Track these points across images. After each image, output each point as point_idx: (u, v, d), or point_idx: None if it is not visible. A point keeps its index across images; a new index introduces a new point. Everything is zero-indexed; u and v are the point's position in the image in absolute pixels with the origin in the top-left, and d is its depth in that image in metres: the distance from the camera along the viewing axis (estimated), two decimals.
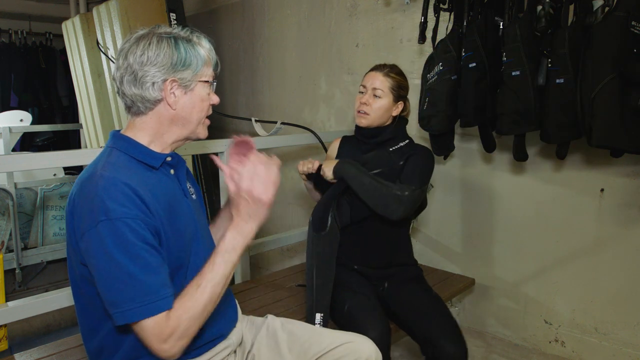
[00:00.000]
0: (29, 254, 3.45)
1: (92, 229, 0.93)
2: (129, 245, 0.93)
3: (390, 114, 1.73)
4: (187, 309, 0.96)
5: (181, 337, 0.96)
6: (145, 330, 0.94)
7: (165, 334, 0.94)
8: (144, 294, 0.92)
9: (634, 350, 1.95)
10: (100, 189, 0.95)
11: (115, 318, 0.94)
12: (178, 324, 0.95)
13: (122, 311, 0.92)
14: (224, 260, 1.02)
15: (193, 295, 0.98)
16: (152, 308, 0.93)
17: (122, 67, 1.04)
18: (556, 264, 2.14)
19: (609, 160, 1.86)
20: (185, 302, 0.97)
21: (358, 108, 1.72)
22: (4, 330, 1.96)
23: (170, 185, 1.10)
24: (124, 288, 0.92)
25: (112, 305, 0.94)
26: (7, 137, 3.65)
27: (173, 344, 0.95)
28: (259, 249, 2.32)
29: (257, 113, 3.44)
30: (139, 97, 1.03)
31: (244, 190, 1.04)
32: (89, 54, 3.48)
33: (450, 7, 2.03)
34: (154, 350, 0.95)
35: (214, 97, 1.13)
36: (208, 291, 0.98)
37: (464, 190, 2.42)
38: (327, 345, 1.23)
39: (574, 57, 1.65)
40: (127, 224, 0.93)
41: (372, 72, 1.74)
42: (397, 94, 1.71)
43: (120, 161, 1.03)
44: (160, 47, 1.02)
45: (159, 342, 0.94)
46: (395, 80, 1.71)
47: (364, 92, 1.72)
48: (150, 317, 0.93)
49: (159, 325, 0.93)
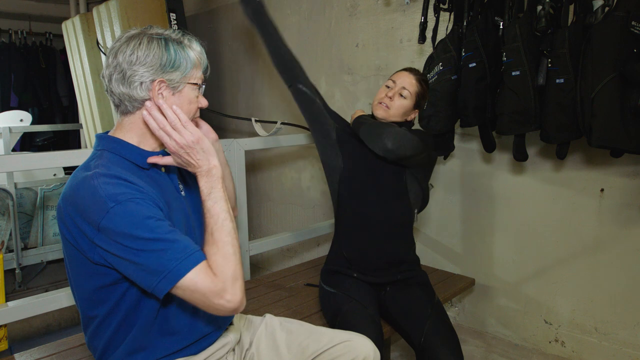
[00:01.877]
0: (29, 254, 3.45)
1: (105, 218, 0.93)
2: (146, 220, 0.94)
3: (405, 118, 1.75)
4: (217, 253, 0.97)
5: (235, 279, 0.96)
6: (198, 289, 0.93)
7: (218, 286, 0.94)
8: (179, 251, 0.93)
9: (634, 350, 1.95)
10: (102, 183, 0.96)
11: (162, 286, 0.93)
12: (222, 269, 0.95)
13: (166, 274, 0.92)
14: (212, 201, 1.03)
15: (212, 241, 0.99)
16: (193, 260, 0.93)
17: (111, 66, 1.04)
18: (556, 264, 2.14)
19: (609, 160, 1.86)
20: (211, 251, 0.98)
21: (381, 100, 1.73)
22: (4, 330, 1.96)
23: (162, 182, 1.11)
24: (157, 256, 0.93)
25: (153, 276, 0.93)
26: (7, 137, 3.65)
27: (232, 290, 0.95)
28: (259, 249, 2.32)
29: (257, 113, 3.44)
30: (127, 96, 1.04)
31: (179, 145, 1.04)
32: (89, 54, 3.49)
33: (450, 7, 2.03)
34: (219, 308, 0.95)
35: (202, 100, 1.13)
36: (222, 230, 1.00)
37: (464, 190, 2.42)
38: (325, 344, 1.24)
39: (574, 57, 1.65)
40: (137, 202, 0.95)
41: (405, 72, 1.75)
42: (418, 101, 1.74)
43: (112, 162, 1.03)
44: (150, 48, 1.03)
45: (219, 297, 0.94)
46: (423, 89, 1.74)
47: (391, 87, 1.74)
48: (193, 272, 0.92)
49: (209, 279, 0.94)
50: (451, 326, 1.57)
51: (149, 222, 0.94)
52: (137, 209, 0.94)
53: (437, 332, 1.52)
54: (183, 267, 0.92)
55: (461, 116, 1.97)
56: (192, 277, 0.93)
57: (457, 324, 2.50)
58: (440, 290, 1.98)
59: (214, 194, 1.04)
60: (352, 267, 1.73)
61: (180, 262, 0.93)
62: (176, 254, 0.93)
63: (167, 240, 0.94)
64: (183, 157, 1.06)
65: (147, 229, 0.93)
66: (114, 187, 0.95)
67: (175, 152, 1.06)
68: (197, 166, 1.06)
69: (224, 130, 3.76)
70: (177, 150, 1.05)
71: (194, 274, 0.93)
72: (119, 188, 0.96)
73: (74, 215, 0.97)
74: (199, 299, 0.95)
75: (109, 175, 0.97)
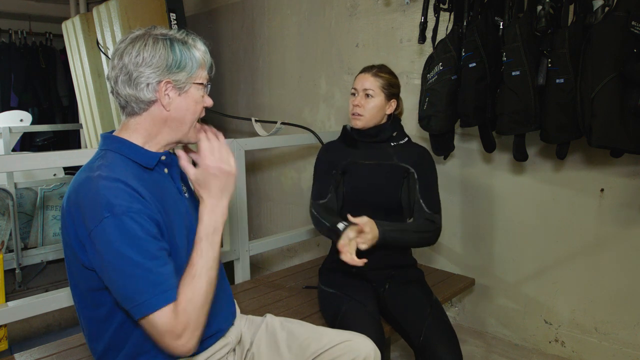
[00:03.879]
0: (29, 254, 3.45)
1: (97, 227, 0.93)
2: (135, 239, 0.94)
3: (385, 113, 1.75)
4: (190, 300, 0.97)
5: (195, 329, 0.97)
6: (157, 327, 0.94)
7: (178, 329, 0.94)
8: (154, 284, 0.93)
9: (634, 350, 1.95)
10: (101, 187, 0.95)
11: (133, 313, 0.94)
12: (188, 316, 0.95)
13: (137, 305, 0.93)
14: (209, 243, 1.03)
15: (191, 285, 0.98)
16: (163, 299, 0.94)
17: (117, 67, 1.04)
18: (556, 264, 2.14)
19: (609, 160, 1.86)
20: (186, 294, 0.97)
21: (352, 111, 1.75)
22: (4, 330, 1.96)
23: (165, 184, 1.11)
24: (134, 281, 0.93)
25: (126, 300, 0.94)
26: (7, 137, 3.66)
27: (189, 337, 0.96)
28: (259, 249, 2.32)
29: (257, 113, 3.44)
30: (133, 98, 1.04)
31: (212, 167, 1.05)
32: (89, 54, 3.49)
33: (450, 7, 2.03)
34: (170, 348, 0.96)
35: (207, 100, 1.13)
36: (204, 277, 1.00)
37: (464, 190, 2.42)
38: (326, 344, 1.24)
39: (574, 57, 1.65)
40: (131, 217, 0.94)
41: (361, 74, 1.77)
42: (388, 92, 1.74)
43: (115, 162, 1.03)
44: (156, 49, 1.03)
45: (174, 339, 0.94)
46: (384, 79, 1.73)
47: (355, 94, 1.75)
48: (160, 311, 0.93)
49: (170, 321, 0.94)
50: (450, 325, 1.57)
51: (138, 243, 0.94)
52: (130, 225, 0.94)
53: (436, 331, 1.52)
54: (152, 303, 0.93)
55: (461, 116, 1.97)
56: (157, 316, 0.94)
57: (457, 324, 2.50)
58: (440, 290, 1.97)
59: (214, 237, 1.04)
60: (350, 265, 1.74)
61: (151, 297, 0.93)
62: (150, 288, 0.93)
63: (146, 269, 0.93)
64: (208, 178, 1.06)
65: (134, 249, 0.93)
66: (114, 193, 0.95)
67: (207, 170, 1.06)
68: (213, 194, 1.06)
69: (224, 130, 3.75)
70: (210, 170, 1.06)
71: (159, 314, 0.93)
72: (118, 196, 0.95)
73: (74, 215, 0.97)
74: (154, 334, 0.96)
75: (111, 179, 0.97)
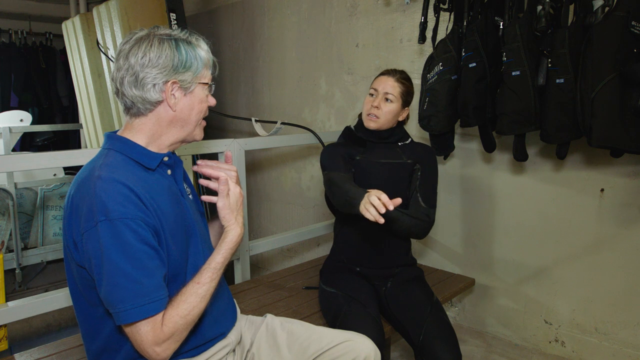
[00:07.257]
0: (29, 254, 3.45)
1: (92, 229, 0.93)
2: (127, 246, 0.93)
3: (397, 119, 1.74)
4: (184, 316, 0.99)
5: (176, 341, 1.00)
6: (139, 333, 0.95)
7: (161, 337, 0.96)
8: (137, 296, 0.93)
9: (634, 350, 1.95)
10: (99, 189, 0.95)
11: (115, 318, 0.95)
12: (175, 328, 0.97)
13: (118, 312, 0.94)
14: (220, 270, 1.08)
15: (192, 303, 1.01)
16: (145, 310, 0.94)
17: (122, 68, 1.03)
18: (556, 264, 2.14)
19: (609, 160, 1.86)
20: (183, 310, 0.99)
21: (369, 111, 1.71)
22: (4, 330, 1.97)
23: (168, 185, 1.10)
24: (119, 289, 0.93)
25: (109, 305, 0.95)
26: (7, 137, 3.65)
27: (167, 347, 0.98)
28: (259, 249, 2.32)
29: (257, 113, 3.44)
30: (140, 99, 1.03)
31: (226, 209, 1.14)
32: (89, 54, 3.48)
33: (450, 7, 2.03)
34: (145, 353, 0.97)
35: (211, 99, 1.14)
36: (206, 301, 1.04)
37: (464, 190, 2.42)
38: (326, 344, 1.23)
39: (574, 57, 1.65)
40: (126, 224, 0.94)
41: (383, 77, 1.73)
42: (405, 100, 1.73)
43: (117, 162, 1.03)
44: (162, 49, 1.02)
45: (153, 345, 0.96)
46: (405, 87, 1.72)
47: (374, 95, 1.72)
48: (145, 320, 0.94)
49: (155, 329, 0.95)
50: (450, 324, 1.58)
51: (129, 250, 0.94)
52: (123, 232, 0.93)
53: (436, 330, 1.52)
54: (137, 313, 0.94)
55: (461, 116, 1.97)
56: (140, 326, 0.95)
57: (457, 324, 2.50)
58: (440, 290, 1.97)
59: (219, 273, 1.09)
60: (353, 261, 1.75)
61: (137, 307, 0.93)
62: (136, 298, 0.93)
63: (133, 279, 0.93)
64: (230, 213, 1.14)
65: (123, 256, 0.93)
66: (112, 196, 0.94)
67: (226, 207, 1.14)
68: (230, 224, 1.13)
69: (224, 130, 3.76)
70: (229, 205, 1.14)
71: (143, 324, 0.95)
72: (116, 200, 0.94)
73: (72, 214, 0.98)
74: (132, 340, 0.97)
75: (111, 180, 0.97)
